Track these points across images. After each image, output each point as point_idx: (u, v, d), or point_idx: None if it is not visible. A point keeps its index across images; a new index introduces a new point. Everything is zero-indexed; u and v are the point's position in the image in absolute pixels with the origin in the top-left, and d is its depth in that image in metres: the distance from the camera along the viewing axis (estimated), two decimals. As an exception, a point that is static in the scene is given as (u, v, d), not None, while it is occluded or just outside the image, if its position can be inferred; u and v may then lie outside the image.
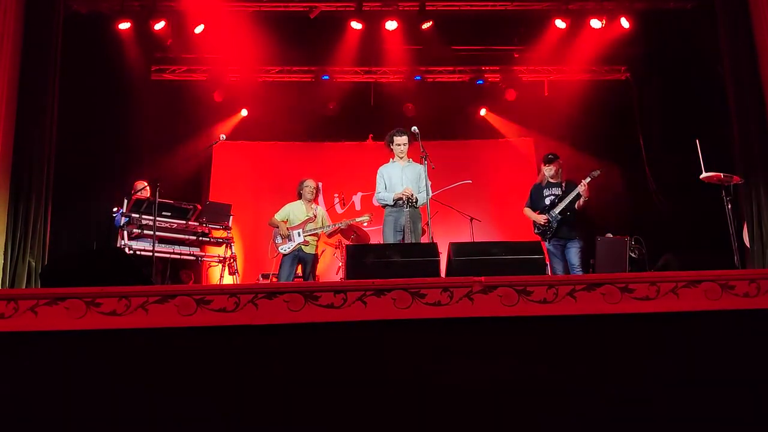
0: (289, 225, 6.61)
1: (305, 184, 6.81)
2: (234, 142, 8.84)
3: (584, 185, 5.70)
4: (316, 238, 6.72)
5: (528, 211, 6.11)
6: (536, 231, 5.97)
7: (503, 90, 8.87)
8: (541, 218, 5.85)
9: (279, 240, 6.55)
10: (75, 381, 2.69)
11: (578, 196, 5.72)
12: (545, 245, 5.74)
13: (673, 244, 5.77)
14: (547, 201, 5.93)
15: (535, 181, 6.26)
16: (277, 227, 6.60)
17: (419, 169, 5.77)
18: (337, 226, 6.90)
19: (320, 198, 9.06)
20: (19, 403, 2.66)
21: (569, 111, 8.25)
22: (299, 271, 6.67)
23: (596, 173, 5.87)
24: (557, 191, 5.93)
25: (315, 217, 6.71)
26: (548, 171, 5.97)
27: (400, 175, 5.80)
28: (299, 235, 6.53)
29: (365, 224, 7.13)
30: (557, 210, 5.81)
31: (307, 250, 6.58)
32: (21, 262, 6.09)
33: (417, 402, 2.71)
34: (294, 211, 6.72)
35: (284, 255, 6.50)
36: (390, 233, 5.65)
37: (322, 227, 6.69)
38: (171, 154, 8.38)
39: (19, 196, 6.16)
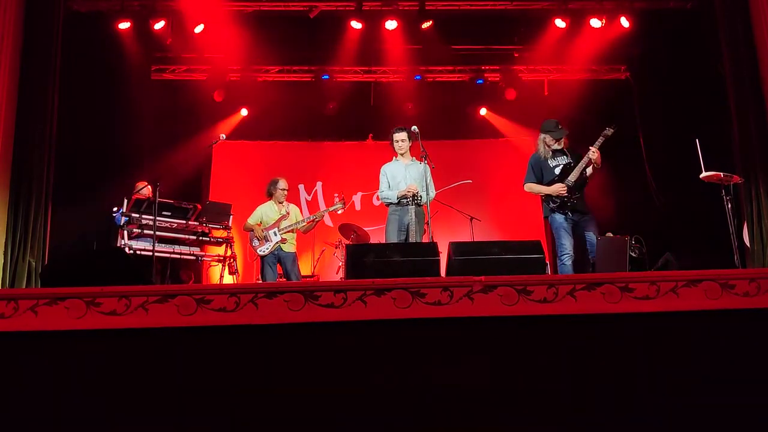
0: (263, 226, 6.57)
1: (279, 185, 6.71)
2: (234, 141, 8.84)
3: (596, 152, 5.23)
4: (294, 236, 6.68)
5: (535, 186, 5.49)
6: (552, 204, 5.38)
7: (503, 90, 8.87)
8: (561, 188, 5.29)
9: (256, 243, 6.49)
10: (75, 381, 2.69)
11: (590, 162, 5.27)
12: (556, 218, 5.33)
13: (673, 244, 5.76)
14: (557, 171, 5.43)
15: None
16: (252, 230, 6.56)
17: (422, 168, 5.77)
18: (312, 218, 6.78)
19: (320, 198, 9.11)
20: (19, 402, 2.66)
21: (569, 110, 8.23)
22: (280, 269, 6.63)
23: (609, 131, 5.31)
24: (564, 160, 5.47)
25: (288, 214, 6.67)
26: (559, 145, 5.49)
27: (404, 174, 5.80)
28: (276, 234, 6.48)
29: (339, 212, 7.01)
30: (573, 178, 5.31)
31: (286, 248, 6.50)
32: (21, 261, 6.09)
33: (417, 402, 2.71)
34: (266, 212, 6.65)
35: (264, 257, 6.46)
36: (394, 232, 5.64)
37: (297, 223, 6.64)
38: (171, 154, 8.38)
39: (20, 195, 6.17)
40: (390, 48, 8.47)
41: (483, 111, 9.27)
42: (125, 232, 6.10)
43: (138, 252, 6.04)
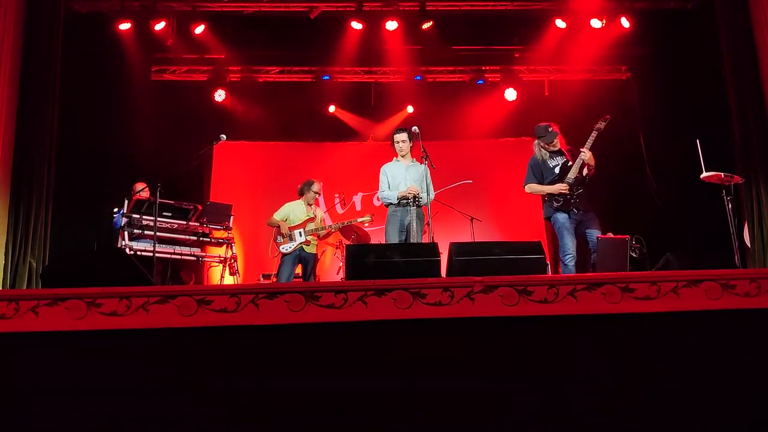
0: (289, 225, 6.63)
1: (313, 187, 6.82)
2: (234, 142, 8.82)
3: (587, 153, 5.25)
4: (317, 238, 6.74)
5: (536, 186, 5.51)
6: (555, 204, 5.36)
7: (503, 90, 8.87)
8: (562, 187, 5.28)
9: (280, 239, 6.56)
10: (76, 381, 2.69)
11: (583, 163, 5.29)
12: (558, 218, 5.33)
13: (673, 244, 5.75)
14: (556, 171, 5.44)
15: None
16: (278, 227, 6.61)
17: (422, 169, 5.77)
18: (337, 226, 6.90)
19: (320, 199, 9.11)
20: (20, 403, 2.66)
21: (569, 111, 8.24)
22: (298, 270, 6.68)
23: (602, 124, 5.28)
24: (562, 159, 5.48)
25: (315, 217, 6.73)
26: (555, 146, 5.51)
27: (404, 174, 5.81)
28: (301, 235, 6.55)
29: (366, 225, 7.13)
30: (572, 175, 5.31)
31: (309, 249, 6.61)
32: (22, 262, 6.09)
33: (418, 402, 2.71)
34: (294, 210, 6.73)
35: (285, 254, 6.52)
36: (394, 232, 5.65)
37: (318, 229, 6.70)
38: (171, 155, 8.38)
39: (20, 196, 6.16)
40: (390, 48, 8.48)
41: (482, 111, 9.27)
42: (126, 233, 6.10)
43: (138, 253, 6.04)
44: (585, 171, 5.37)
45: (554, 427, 2.68)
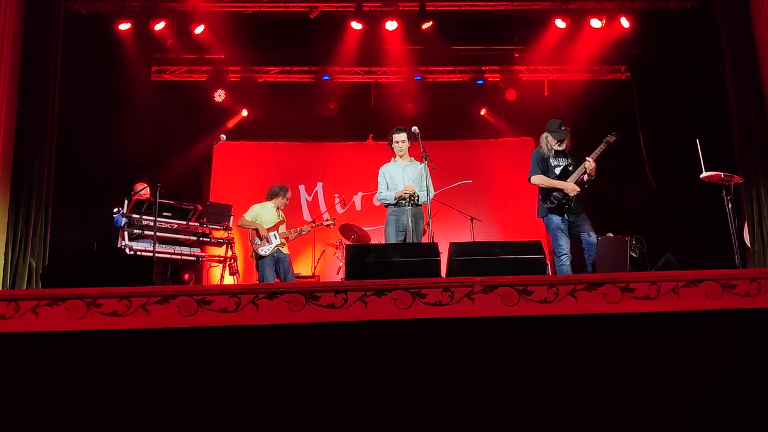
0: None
1: (288, 194, 6.84)
2: (234, 142, 8.85)
3: (592, 163, 5.26)
4: (287, 241, 6.73)
5: (545, 179, 5.39)
6: (550, 204, 5.35)
7: (503, 90, 8.87)
8: (571, 187, 5.28)
9: (258, 242, 6.52)
10: (76, 382, 2.69)
11: (585, 171, 5.29)
12: (552, 219, 5.32)
13: (673, 244, 5.76)
14: (557, 171, 5.41)
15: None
16: (255, 228, 6.56)
17: (421, 168, 5.76)
18: (307, 229, 6.94)
19: (320, 199, 9.13)
20: (20, 403, 2.67)
21: (569, 111, 8.25)
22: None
23: (612, 138, 5.31)
24: (564, 162, 5.46)
25: (284, 220, 6.75)
26: (561, 146, 5.48)
27: (402, 174, 5.79)
28: (276, 237, 6.53)
29: (331, 227, 7.27)
30: (571, 181, 5.32)
31: (284, 250, 6.61)
32: (22, 262, 6.10)
33: (418, 402, 2.71)
34: (264, 213, 6.66)
35: (264, 257, 6.49)
36: (392, 232, 5.64)
37: (294, 231, 6.73)
38: (171, 155, 8.39)
39: (20, 196, 6.17)
40: (390, 48, 8.49)
41: (483, 111, 9.28)
42: (126, 233, 6.11)
43: (138, 253, 6.05)
44: (585, 177, 5.38)
45: (554, 427, 2.68)
